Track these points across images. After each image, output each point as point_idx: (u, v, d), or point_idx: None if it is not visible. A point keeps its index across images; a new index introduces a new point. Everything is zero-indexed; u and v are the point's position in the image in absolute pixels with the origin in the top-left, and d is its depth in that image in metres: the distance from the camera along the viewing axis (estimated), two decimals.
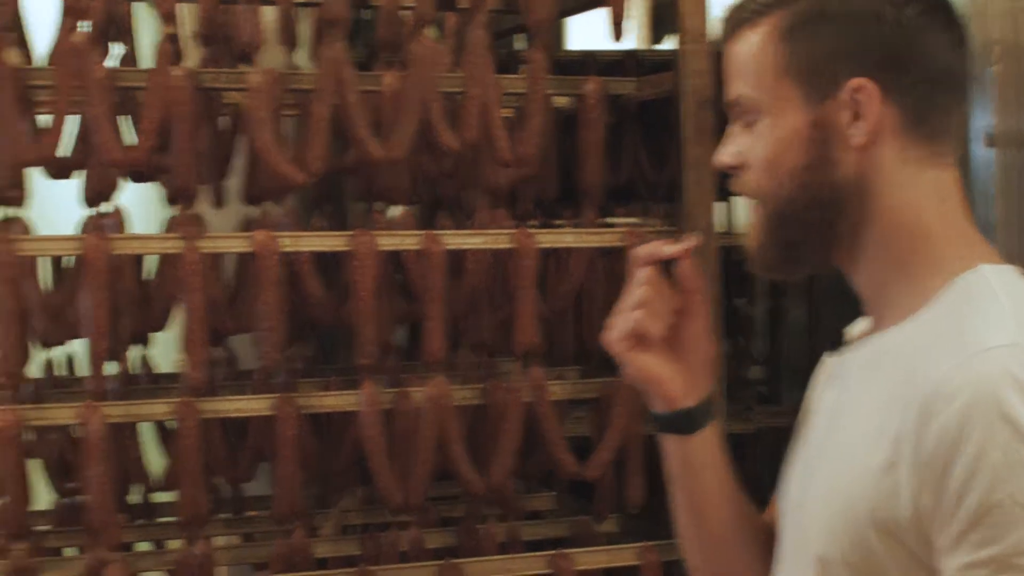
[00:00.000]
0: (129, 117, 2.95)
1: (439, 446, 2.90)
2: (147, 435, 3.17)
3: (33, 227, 2.93)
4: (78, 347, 3.01)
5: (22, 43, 2.96)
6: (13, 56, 2.89)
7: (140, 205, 3.31)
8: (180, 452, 2.82)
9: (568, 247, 3.13)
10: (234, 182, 3.13)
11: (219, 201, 3.07)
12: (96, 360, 2.75)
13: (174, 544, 3.08)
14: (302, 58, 3.19)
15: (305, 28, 3.22)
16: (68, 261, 3.06)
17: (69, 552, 3.11)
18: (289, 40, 3.12)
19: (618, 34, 3.18)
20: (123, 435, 2.98)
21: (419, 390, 2.90)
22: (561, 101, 3.24)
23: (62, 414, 2.79)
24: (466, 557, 3.00)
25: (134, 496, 3.16)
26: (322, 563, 3.01)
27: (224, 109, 3.06)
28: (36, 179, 2.97)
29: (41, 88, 2.83)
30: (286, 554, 2.96)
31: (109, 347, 2.88)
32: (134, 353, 3.17)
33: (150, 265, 3.09)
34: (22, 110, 2.80)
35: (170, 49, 2.81)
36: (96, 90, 2.76)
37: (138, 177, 3.03)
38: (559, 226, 3.43)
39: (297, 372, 3.07)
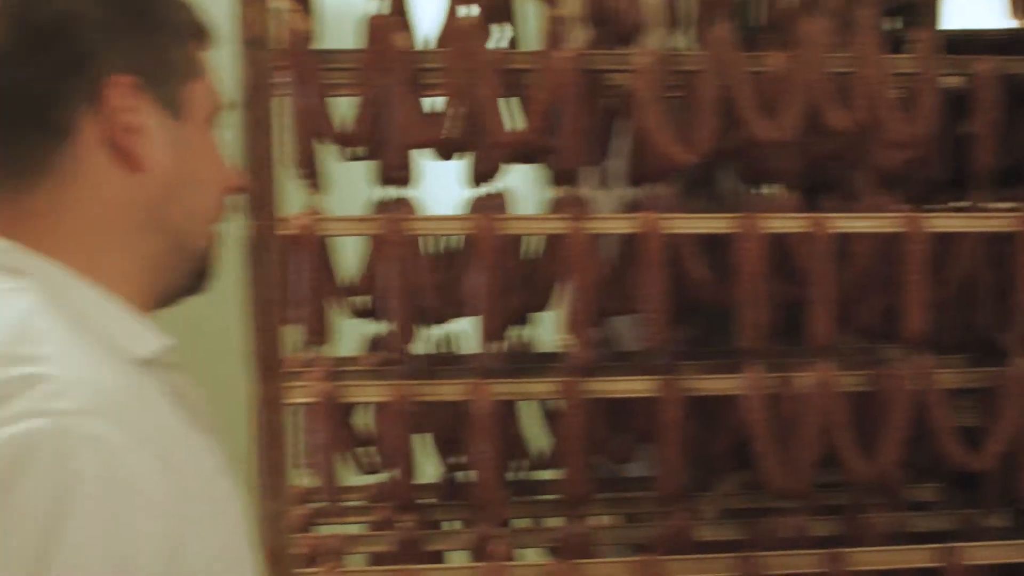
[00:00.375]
0: (513, 99, 2.95)
1: (823, 432, 2.83)
2: (529, 413, 3.16)
3: (420, 207, 2.97)
4: (462, 325, 3.03)
5: (408, 27, 3.00)
6: (402, 40, 2.94)
7: (519, 185, 3.32)
8: (564, 431, 2.82)
9: (955, 232, 3.01)
10: (616, 163, 3.11)
11: (603, 182, 3.05)
12: (484, 338, 2.77)
13: (554, 522, 3.07)
14: (685, 39, 3.14)
15: (689, 8, 3.17)
16: (450, 241, 3.09)
17: (452, 526, 3.14)
18: (673, 21, 3.08)
19: (1018, 12, 3.05)
20: (505, 412, 2.99)
21: (805, 375, 2.83)
22: (950, 81, 3.12)
23: (449, 391, 2.82)
24: (850, 546, 2.91)
25: (515, 473, 3.17)
26: (703, 546, 2.97)
27: (608, 91, 3.04)
28: (423, 160, 3.01)
29: (428, 71, 2.86)
30: (667, 536, 2.93)
31: (495, 326, 2.91)
32: (516, 332, 3.17)
33: (529, 245, 3.08)
34: (411, 92, 2.83)
35: (556, 31, 2.81)
36: (484, 73, 2.77)
37: (522, 158, 3.03)
38: (944, 210, 3.31)
39: (679, 354, 3.02)
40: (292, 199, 2.92)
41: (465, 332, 3.08)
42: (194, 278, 1.70)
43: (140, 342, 1.58)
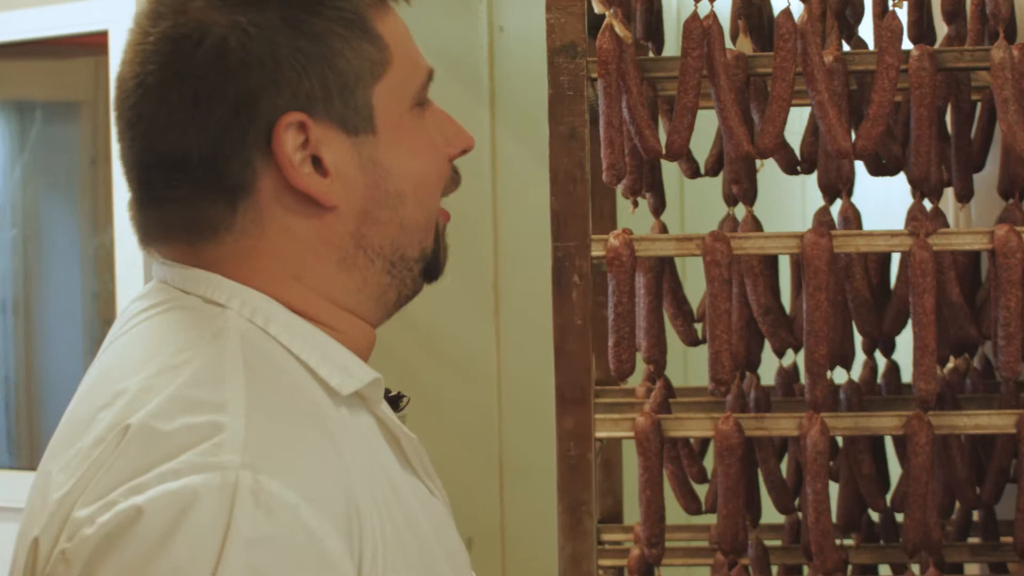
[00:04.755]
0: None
1: None
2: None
3: (762, 224, 2.63)
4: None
5: (758, 29, 2.65)
6: (745, 44, 2.61)
7: (889, 200, 2.92)
8: (910, 470, 2.41)
9: None
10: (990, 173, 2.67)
11: (965, 194, 2.60)
12: (815, 368, 2.39)
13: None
14: None
15: None
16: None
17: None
18: None
19: None
20: (856, 448, 2.60)
21: None
22: None
23: (783, 425, 2.45)
24: None
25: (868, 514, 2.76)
26: None
27: (973, 92, 2.61)
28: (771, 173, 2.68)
29: (760, 76, 2.51)
30: None
31: (839, 353, 2.54)
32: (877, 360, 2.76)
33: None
34: (739, 101, 2.49)
35: (899, 27, 2.40)
36: (821, 75, 2.39)
37: (878, 170, 2.63)
38: None
39: None
40: (636, 218, 2.65)
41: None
42: (424, 276, 1.44)
43: (345, 378, 1.34)
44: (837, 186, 2.58)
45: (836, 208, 2.63)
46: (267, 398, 1.25)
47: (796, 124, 2.65)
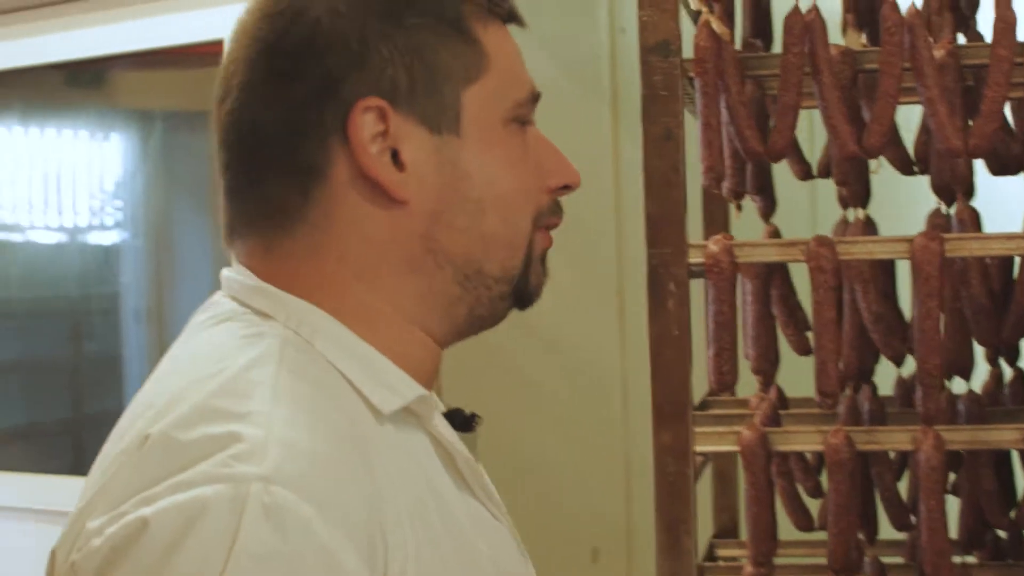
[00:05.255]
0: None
1: None
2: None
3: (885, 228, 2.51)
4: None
5: (872, 23, 2.52)
6: (854, 39, 2.49)
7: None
8: None
9: None
10: None
11: None
12: (927, 379, 2.26)
13: None
14: None
15: None
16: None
17: None
18: None
19: None
20: (978, 462, 2.46)
21: None
22: None
23: (896, 438, 2.33)
24: None
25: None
26: None
27: None
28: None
29: (867, 72, 2.39)
30: None
31: (956, 363, 2.40)
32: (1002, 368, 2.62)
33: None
34: (856, 97, 2.38)
35: (1013, 17, 2.26)
36: (930, 70, 2.27)
37: (1000, 169, 2.49)
38: None
39: None
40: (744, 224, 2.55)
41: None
42: (508, 302, 1.36)
43: (387, 395, 1.27)
44: (952, 187, 2.44)
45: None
46: (295, 411, 1.18)
47: (912, 122, 2.53)
